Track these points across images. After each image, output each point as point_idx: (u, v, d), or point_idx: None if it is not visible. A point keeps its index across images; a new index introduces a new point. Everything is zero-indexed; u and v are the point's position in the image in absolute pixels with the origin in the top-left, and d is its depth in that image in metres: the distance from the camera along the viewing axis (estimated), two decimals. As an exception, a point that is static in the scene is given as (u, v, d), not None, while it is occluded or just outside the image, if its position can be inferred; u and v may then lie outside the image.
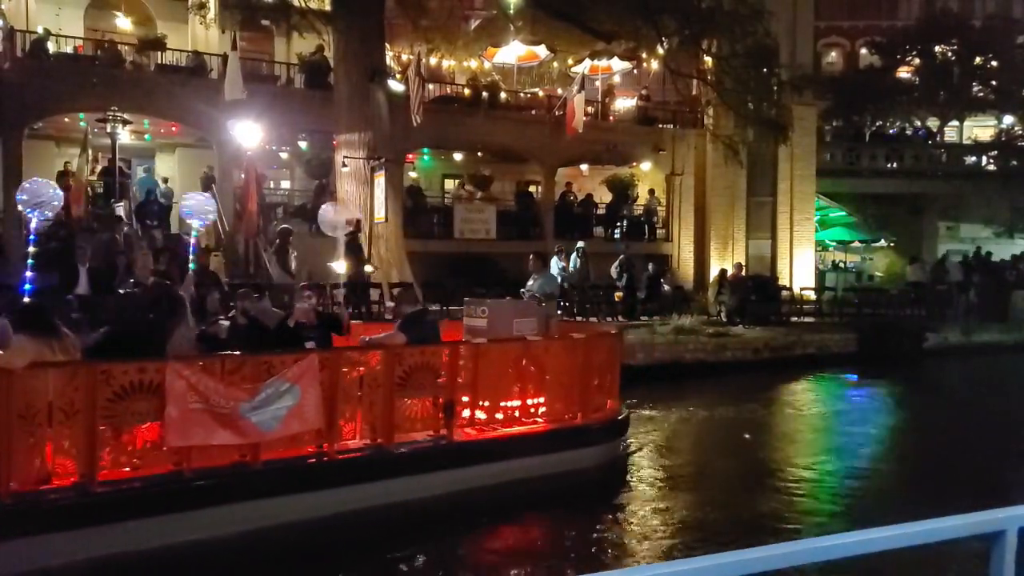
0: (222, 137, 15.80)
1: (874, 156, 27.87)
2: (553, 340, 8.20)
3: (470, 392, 7.18)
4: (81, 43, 17.68)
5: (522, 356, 7.66)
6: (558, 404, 7.82)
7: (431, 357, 6.88)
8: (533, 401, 7.67)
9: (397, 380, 6.55)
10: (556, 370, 7.79)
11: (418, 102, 14.99)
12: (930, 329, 18.58)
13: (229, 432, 5.61)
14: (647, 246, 20.84)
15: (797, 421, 12.34)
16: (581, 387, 7.96)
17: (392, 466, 6.50)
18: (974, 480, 8.09)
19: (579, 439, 7.75)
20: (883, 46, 32.03)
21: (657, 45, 17.56)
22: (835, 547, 1.61)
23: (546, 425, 7.68)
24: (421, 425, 6.80)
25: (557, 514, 7.04)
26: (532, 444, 7.37)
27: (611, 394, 8.64)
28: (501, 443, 7.22)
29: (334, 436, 6.28)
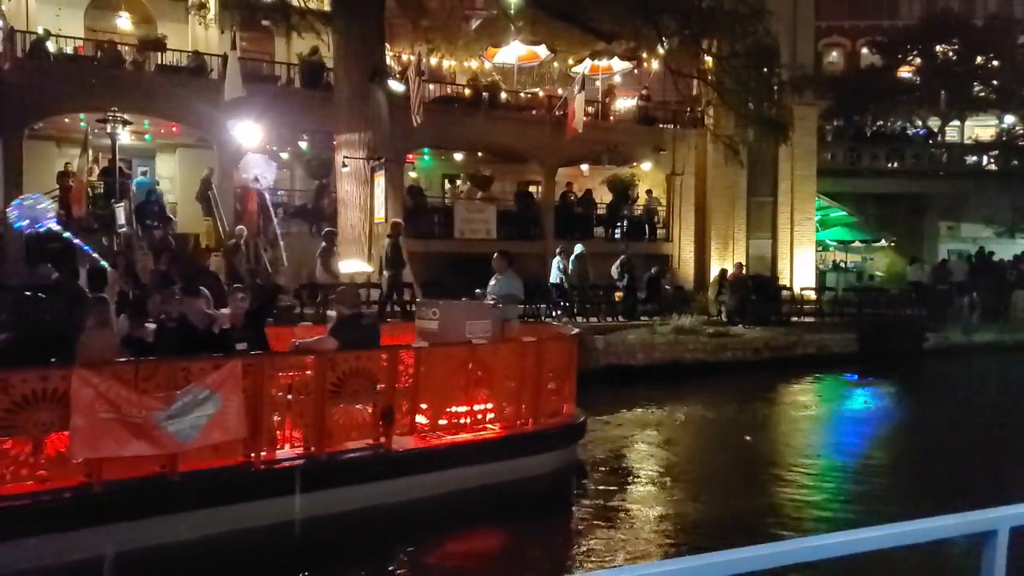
0: (222, 137, 15.81)
1: (875, 156, 27.87)
2: (501, 344, 7.83)
3: (411, 399, 6.92)
4: (81, 43, 17.68)
5: (467, 360, 7.32)
6: (508, 410, 7.55)
7: (367, 362, 6.54)
8: (481, 407, 7.37)
9: (330, 387, 6.27)
10: (505, 375, 7.51)
11: (418, 102, 14.99)
12: (930, 329, 18.58)
13: (143, 443, 5.31)
14: (647, 246, 20.83)
15: (792, 421, 12.32)
16: (533, 392, 7.68)
17: (326, 476, 6.23)
18: (971, 479, 8.09)
19: (531, 446, 7.49)
20: (884, 46, 32.04)
21: (657, 45, 17.55)
22: (827, 547, 1.61)
23: (495, 432, 7.40)
24: (357, 434, 6.50)
25: (502, 525, 6.82)
26: (480, 452, 7.11)
27: (568, 399, 8.38)
28: (446, 451, 6.95)
29: (260, 446, 5.99)
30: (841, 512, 7.26)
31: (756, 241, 21.69)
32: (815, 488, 8.13)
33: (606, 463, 8.76)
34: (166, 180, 19.16)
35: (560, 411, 8.21)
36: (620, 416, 11.30)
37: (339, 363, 6.37)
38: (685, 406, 12.50)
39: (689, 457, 9.59)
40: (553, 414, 8.06)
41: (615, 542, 6.22)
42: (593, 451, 9.07)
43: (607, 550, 6.03)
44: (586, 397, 12.17)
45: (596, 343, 14.48)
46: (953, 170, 28.23)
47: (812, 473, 8.76)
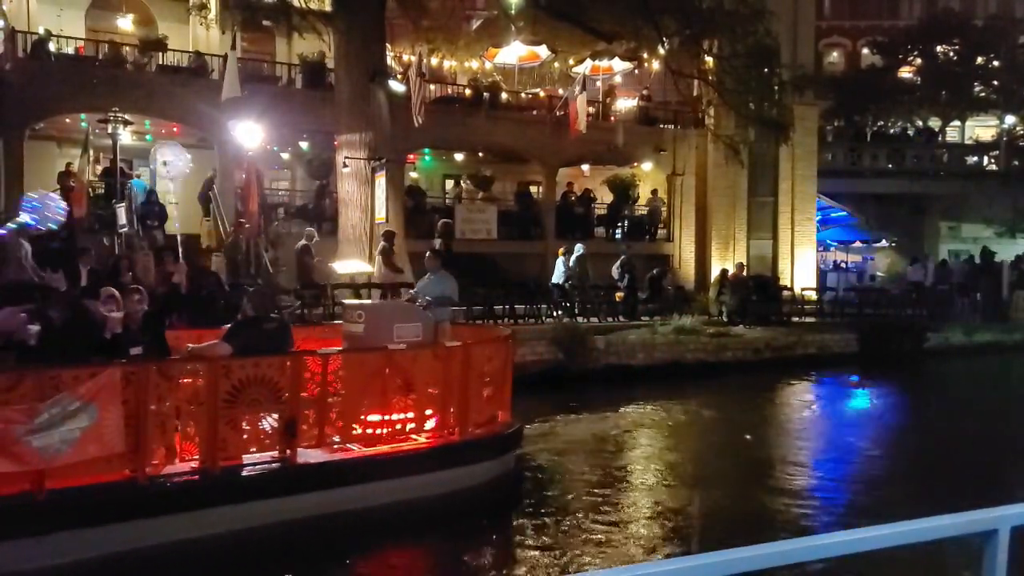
0: (223, 137, 15.81)
1: (875, 156, 27.87)
2: (422, 349, 7.36)
3: (319, 409, 6.48)
4: (82, 44, 17.69)
5: (384, 367, 6.86)
6: (431, 419, 7.15)
7: (267, 370, 6.09)
8: (400, 417, 6.94)
9: (225, 395, 5.87)
10: (427, 382, 7.11)
11: (419, 102, 14.99)
12: (931, 329, 18.58)
13: (1, 459, 4.86)
14: (648, 246, 20.83)
15: (790, 421, 12.34)
16: (460, 400, 7.24)
17: (221, 492, 5.84)
18: (972, 479, 8.09)
19: (458, 457, 7.09)
20: (885, 46, 32.03)
21: (658, 45, 17.53)
22: (827, 546, 1.61)
23: (417, 443, 7.02)
24: (258, 446, 6.11)
25: (415, 543, 6.48)
26: (398, 464, 6.70)
27: (503, 406, 7.99)
28: (359, 464, 6.52)
29: (145, 460, 5.55)
30: (838, 513, 7.27)
31: (757, 241, 21.69)
32: (807, 492, 8.12)
33: (557, 469, 8.48)
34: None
35: (494, 419, 7.81)
36: (603, 416, 11.15)
37: (234, 370, 5.92)
38: (680, 406, 12.52)
39: (666, 460, 9.29)
40: (487, 422, 7.63)
41: (538, 565, 5.78)
42: (556, 455, 8.86)
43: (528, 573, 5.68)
44: (583, 397, 12.28)
45: (597, 343, 14.50)
46: (954, 170, 28.22)
47: (805, 476, 8.77)
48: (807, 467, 9.18)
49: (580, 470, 8.62)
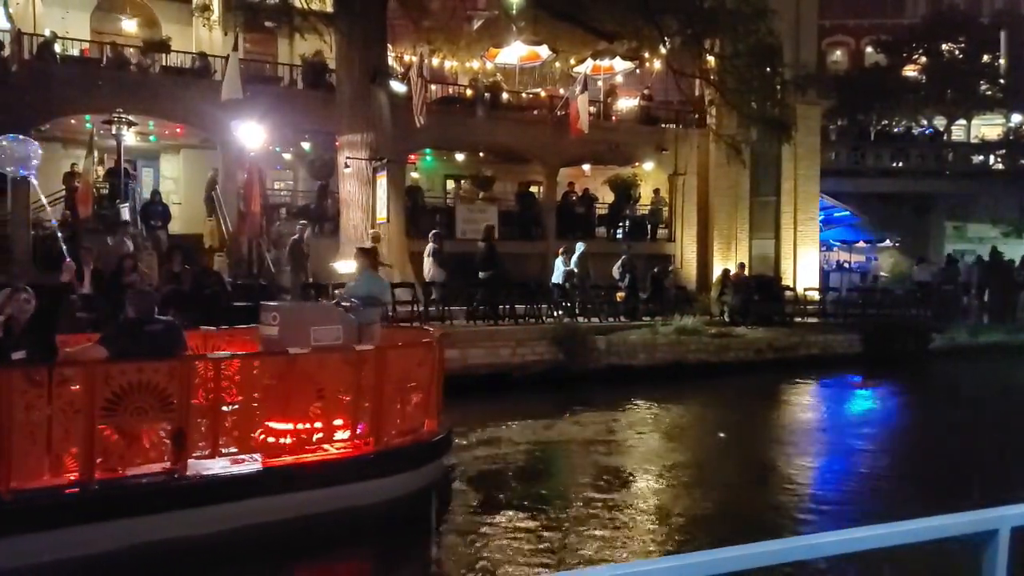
0: (226, 138, 15.89)
1: (879, 155, 27.74)
2: (332, 354, 6.93)
3: (212, 417, 6.08)
4: (87, 46, 17.81)
5: (285, 372, 6.46)
6: (341, 429, 6.70)
7: (152, 375, 5.69)
8: (305, 426, 6.53)
9: (103, 403, 5.47)
10: (335, 388, 6.69)
11: (421, 103, 15.04)
12: (936, 330, 18.50)
13: None
14: (650, 246, 20.82)
15: (789, 423, 12.32)
16: (374, 408, 6.80)
17: (98, 507, 5.44)
18: (974, 480, 8.08)
19: (371, 469, 6.64)
20: (889, 44, 31.90)
21: (659, 45, 17.51)
22: (827, 544, 1.61)
23: (327, 454, 6.58)
24: (143, 457, 5.74)
25: (313, 560, 6.03)
26: (303, 476, 6.31)
27: (428, 413, 7.59)
28: (257, 476, 6.11)
29: (9, 473, 5.19)
30: (836, 515, 7.25)
31: (759, 241, 21.64)
32: (806, 493, 8.11)
33: (498, 480, 8.01)
34: (170, 181, 19.28)
35: (419, 427, 7.41)
36: (580, 419, 10.90)
37: (114, 376, 5.53)
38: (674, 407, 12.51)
39: (625, 470, 8.69)
40: (409, 431, 7.23)
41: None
42: (505, 463, 8.50)
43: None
44: (580, 397, 12.29)
45: (598, 343, 14.50)
46: (959, 169, 28.07)
47: (805, 477, 8.75)
48: (806, 468, 9.16)
49: (528, 480, 8.08)
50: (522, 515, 6.82)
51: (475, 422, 10.15)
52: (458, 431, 9.53)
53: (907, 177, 27.31)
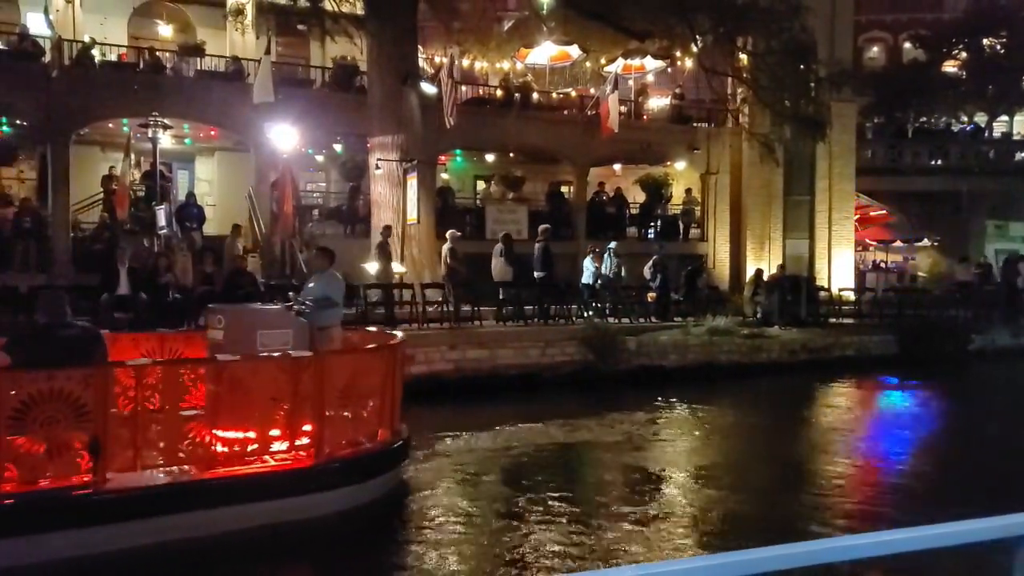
0: (259, 140, 16.10)
1: (917, 153, 27.11)
2: (267, 360, 6.60)
3: (131, 427, 5.81)
4: (125, 51, 18.18)
5: (213, 379, 6.16)
6: (279, 439, 6.36)
7: (65, 383, 5.39)
8: (239, 436, 6.21)
9: (11, 412, 5.23)
10: (271, 396, 6.36)
11: (451, 104, 15.08)
12: (976, 331, 18.04)
13: None
14: (682, 246, 20.63)
15: (820, 426, 12.10)
16: (317, 416, 6.45)
17: (6, 522, 5.19)
18: (1011, 485, 7.85)
19: (310, 482, 6.30)
20: (927, 40, 31.20)
21: (691, 43, 17.36)
22: (854, 548, 1.60)
23: (267, 466, 6.25)
24: (55, 470, 5.43)
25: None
26: (232, 490, 5.99)
27: (382, 421, 7.19)
28: (182, 490, 5.84)
29: None
30: (867, 517, 7.11)
31: (793, 241, 21.31)
32: (838, 495, 7.96)
33: (465, 493, 7.48)
34: (205, 183, 19.59)
35: (371, 436, 7.04)
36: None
37: (23, 384, 5.29)
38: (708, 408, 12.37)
39: (605, 482, 8.27)
40: (360, 441, 6.89)
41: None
42: (479, 474, 8.10)
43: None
44: (608, 399, 12.22)
45: (628, 344, 14.41)
46: (1001, 167, 27.31)
47: (837, 480, 8.58)
48: (838, 471, 8.98)
49: (496, 493, 7.62)
50: (492, 527, 6.45)
51: (493, 423, 10.13)
52: (468, 434, 9.56)
53: (946, 175, 26.66)
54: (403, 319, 13.42)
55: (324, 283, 7.88)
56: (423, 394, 11.92)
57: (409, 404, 11.43)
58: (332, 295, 7.73)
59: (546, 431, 10.11)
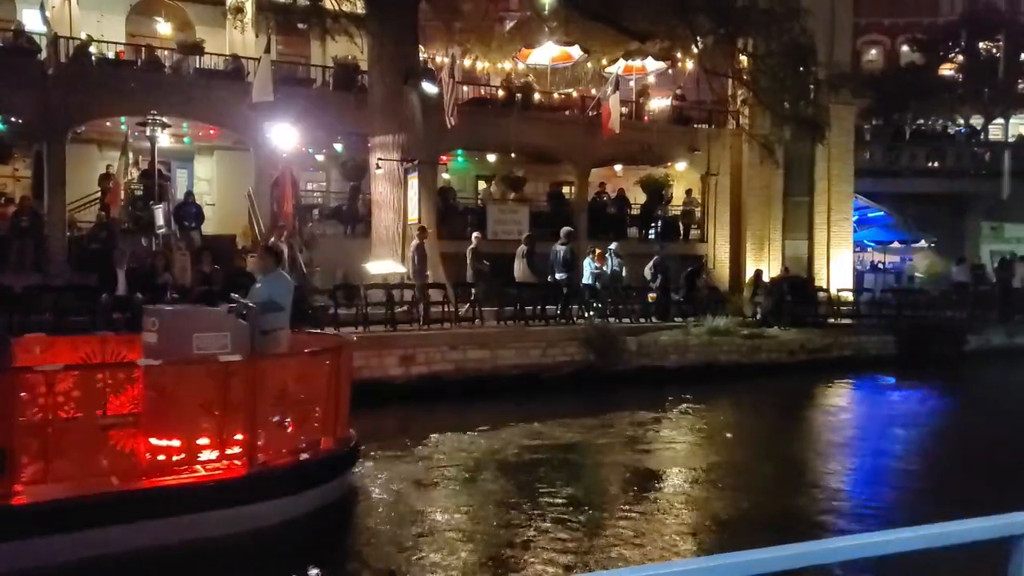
0: (259, 140, 16.03)
1: (915, 155, 27.23)
2: (194, 365, 6.27)
3: (41, 437, 5.49)
4: (122, 49, 18.06)
5: (138, 384, 5.89)
6: (207, 448, 6.08)
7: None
8: (161, 444, 5.92)
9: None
10: (198, 403, 6.08)
11: (452, 104, 15.06)
12: (971, 331, 18.13)
13: None
14: (682, 247, 20.65)
15: (818, 425, 12.12)
16: (248, 424, 6.16)
17: None
18: (1004, 485, 7.87)
19: (241, 493, 5.99)
20: (925, 43, 31.33)
21: (692, 44, 17.38)
22: (849, 548, 1.60)
23: (196, 476, 5.95)
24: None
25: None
26: (156, 501, 5.67)
27: (325, 428, 6.91)
28: (98, 503, 5.49)
29: None
30: (865, 517, 7.12)
31: (792, 242, 21.36)
32: (834, 495, 7.97)
33: (417, 503, 7.05)
34: (204, 182, 19.49)
35: (313, 445, 6.77)
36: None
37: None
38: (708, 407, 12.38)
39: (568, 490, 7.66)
40: (300, 449, 6.62)
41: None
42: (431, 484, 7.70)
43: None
44: (607, 399, 12.21)
45: (628, 344, 14.40)
46: (996, 169, 27.44)
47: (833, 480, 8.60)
48: (837, 471, 9.03)
49: (464, 499, 7.35)
50: (446, 537, 6.15)
51: (486, 424, 10.10)
52: (455, 435, 9.44)
53: (943, 177, 26.78)
54: (403, 319, 13.38)
55: (269, 285, 7.50)
56: (423, 395, 11.91)
57: (409, 404, 11.50)
58: (277, 297, 7.33)
59: (539, 431, 10.09)
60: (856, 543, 1.60)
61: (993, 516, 1.66)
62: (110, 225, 15.33)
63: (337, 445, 7.09)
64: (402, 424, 10.51)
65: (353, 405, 7.63)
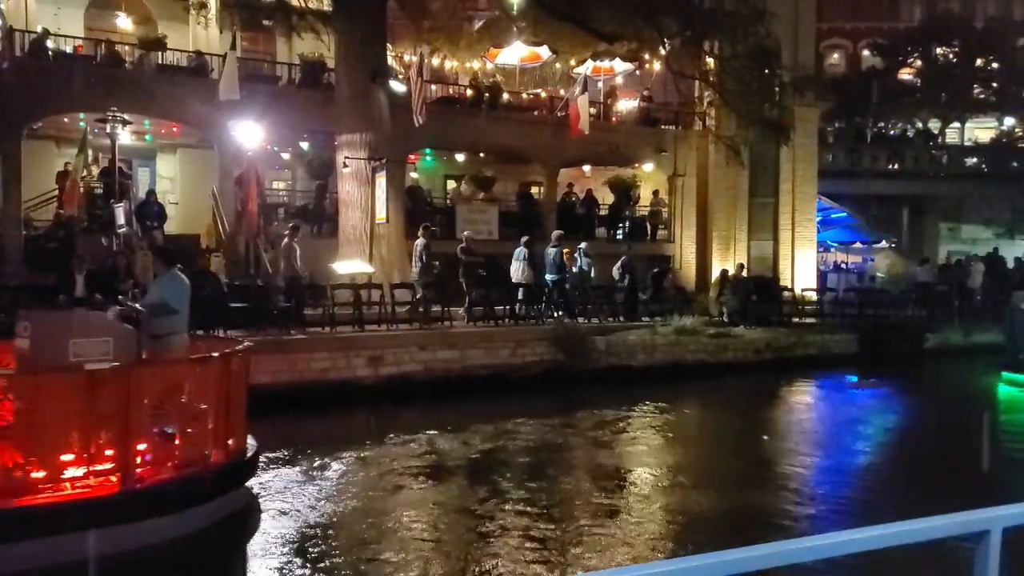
0: (224, 137, 15.76)
1: (876, 157, 27.86)
2: (54, 374, 5.80)
3: None
4: (81, 43, 17.63)
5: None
6: (73, 464, 5.60)
7: None
8: (17, 460, 5.46)
9: None
10: (62, 415, 5.64)
11: (420, 103, 14.97)
12: (930, 330, 18.56)
13: None
14: (650, 247, 20.82)
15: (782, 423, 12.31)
16: (120, 437, 5.69)
17: None
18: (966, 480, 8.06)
19: (113, 512, 5.53)
20: (885, 48, 32.06)
21: (659, 46, 17.54)
22: (817, 548, 1.59)
23: (63, 494, 5.48)
24: None
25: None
26: (9, 522, 5.22)
27: (216, 441, 6.40)
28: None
29: None
30: (831, 513, 7.23)
31: (757, 242, 21.66)
32: (801, 494, 8.08)
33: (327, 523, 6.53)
34: (167, 181, 19.12)
35: (199, 459, 6.28)
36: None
37: None
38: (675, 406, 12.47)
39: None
40: (185, 464, 6.14)
41: None
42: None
43: None
44: (579, 398, 12.25)
45: (597, 344, 14.46)
46: (953, 172, 28.23)
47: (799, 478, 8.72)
48: (802, 469, 9.15)
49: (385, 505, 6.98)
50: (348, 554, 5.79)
51: (447, 425, 10.01)
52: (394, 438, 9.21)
53: (903, 179, 27.45)
54: (371, 319, 13.28)
55: (162, 287, 7.07)
56: (392, 396, 11.82)
57: (379, 406, 11.40)
58: (170, 300, 6.87)
59: (506, 431, 10.04)
60: (824, 543, 1.59)
61: (960, 513, 1.68)
62: (68, 224, 14.95)
63: (232, 456, 6.54)
64: (348, 428, 10.34)
65: (320, 408, 7.47)
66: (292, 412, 10.37)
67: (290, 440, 9.00)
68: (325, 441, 9.33)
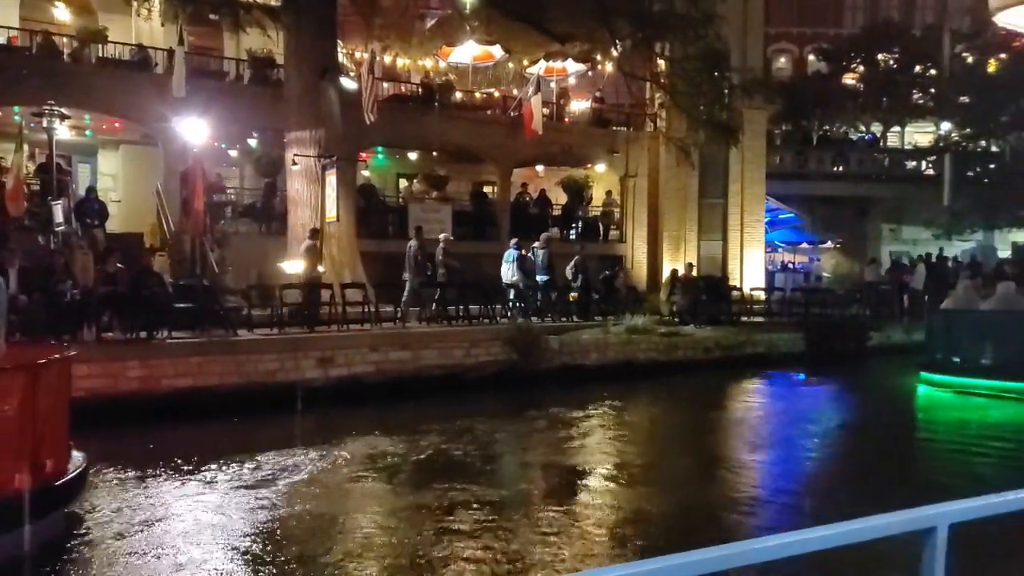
0: (168, 134, 15.33)
1: (821, 160, 28.58)
2: None
3: None
4: (16, 34, 16.95)
5: None
6: None
7: None
8: None
9: None
10: None
11: (372, 100, 14.79)
12: (873, 328, 19.12)
13: None
14: (602, 247, 20.97)
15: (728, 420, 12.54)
16: None
17: None
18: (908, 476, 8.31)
19: None
20: (830, 53, 32.84)
21: (611, 48, 17.66)
22: (761, 550, 1.57)
23: None
24: None
25: None
26: None
27: (19, 461, 5.61)
28: None
29: None
30: (780, 510, 7.36)
31: (707, 242, 22.01)
32: (745, 494, 8.21)
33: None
34: (108, 178, 18.52)
35: (4, 479, 5.55)
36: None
37: None
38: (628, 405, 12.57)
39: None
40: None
41: None
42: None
43: None
44: (532, 397, 12.28)
45: (551, 343, 14.50)
46: (894, 174, 29.15)
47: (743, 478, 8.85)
48: (751, 466, 9.29)
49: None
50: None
51: (392, 426, 9.88)
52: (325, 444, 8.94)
53: (847, 181, 28.21)
54: (322, 320, 13.08)
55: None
56: (343, 397, 11.65)
57: (328, 408, 11.22)
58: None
59: (459, 430, 9.99)
60: (771, 544, 1.56)
61: (906, 510, 1.68)
62: (4, 223, 14.35)
63: (44, 478, 5.76)
64: (281, 432, 10.03)
65: (267, 411, 7.26)
66: (242, 415, 10.15)
67: (215, 448, 8.58)
68: (235, 449, 8.61)
